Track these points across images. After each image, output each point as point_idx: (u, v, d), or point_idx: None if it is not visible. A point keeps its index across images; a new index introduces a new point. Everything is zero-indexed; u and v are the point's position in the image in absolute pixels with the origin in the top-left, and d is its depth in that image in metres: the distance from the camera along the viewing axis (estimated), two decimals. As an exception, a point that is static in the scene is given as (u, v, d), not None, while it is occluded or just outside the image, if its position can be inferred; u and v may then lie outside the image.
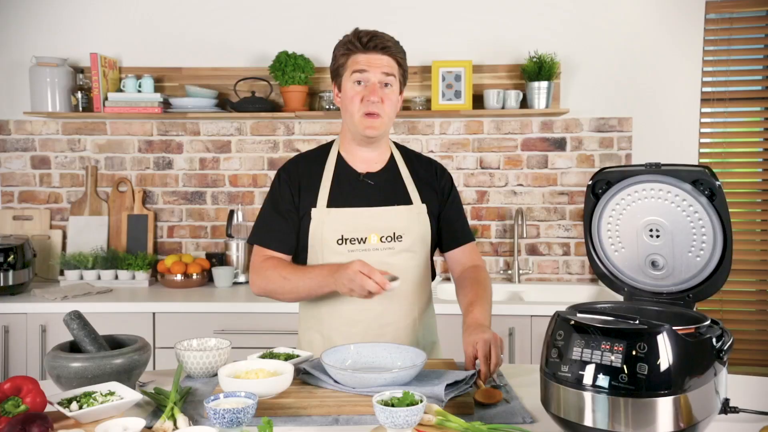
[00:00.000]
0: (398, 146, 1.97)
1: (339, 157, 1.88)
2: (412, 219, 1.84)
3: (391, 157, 1.92)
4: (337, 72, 1.84)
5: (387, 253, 1.80)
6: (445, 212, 1.92)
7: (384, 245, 1.80)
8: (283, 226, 1.83)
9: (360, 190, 1.84)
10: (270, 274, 1.78)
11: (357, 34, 1.80)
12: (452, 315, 2.11)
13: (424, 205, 1.87)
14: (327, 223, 1.79)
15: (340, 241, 1.78)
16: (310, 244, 1.82)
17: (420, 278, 1.87)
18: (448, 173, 1.98)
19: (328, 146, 1.93)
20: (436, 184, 1.92)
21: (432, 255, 1.94)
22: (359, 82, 1.77)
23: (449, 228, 1.93)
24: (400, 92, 1.85)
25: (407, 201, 1.86)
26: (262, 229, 1.87)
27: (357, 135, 1.82)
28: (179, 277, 3.15)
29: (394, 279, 1.61)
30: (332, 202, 1.81)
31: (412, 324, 1.85)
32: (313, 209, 1.81)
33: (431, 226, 1.88)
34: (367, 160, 1.88)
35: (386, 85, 1.78)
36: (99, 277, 3.19)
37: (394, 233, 1.81)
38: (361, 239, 1.79)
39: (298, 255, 1.86)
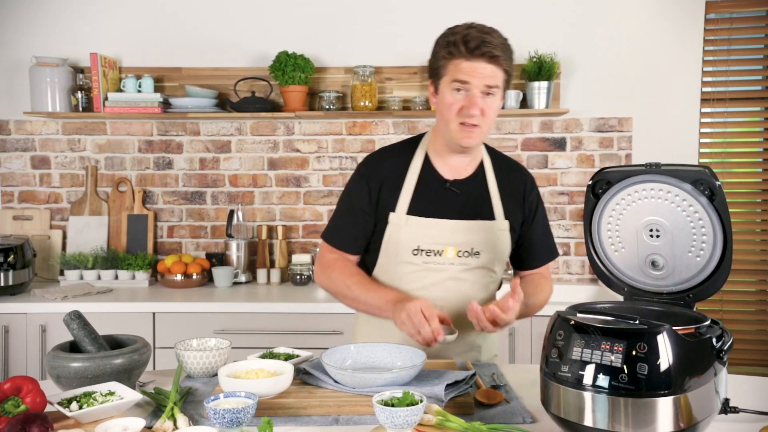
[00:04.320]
0: (490, 150, 1.84)
1: (426, 159, 1.77)
2: (493, 235, 1.74)
3: (481, 164, 1.80)
4: (436, 72, 1.68)
5: (461, 268, 1.73)
6: (530, 231, 1.82)
7: (459, 260, 1.72)
8: (353, 226, 1.76)
9: (443, 198, 1.74)
10: (336, 277, 1.75)
11: (464, 37, 1.62)
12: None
13: (507, 222, 1.77)
14: (404, 231, 1.71)
15: (415, 252, 1.71)
16: (383, 249, 1.74)
17: (490, 295, 1.81)
18: (536, 188, 1.85)
19: (414, 143, 1.81)
20: (523, 200, 1.81)
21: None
22: (459, 90, 1.63)
23: (530, 248, 1.85)
24: (503, 96, 1.71)
25: (490, 216, 1.75)
26: (333, 226, 1.81)
27: (451, 142, 1.70)
28: (179, 277, 3.15)
29: (452, 332, 1.56)
30: (413, 209, 1.72)
31: (475, 339, 1.81)
32: (391, 213, 1.72)
33: (510, 243, 1.79)
34: (456, 167, 1.76)
35: (488, 94, 1.64)
36: (99, 277, 3.19)
37: (472, 248, 1.72)
38: (438, 252, 1.71)
39: (369, 254, 1.79)
